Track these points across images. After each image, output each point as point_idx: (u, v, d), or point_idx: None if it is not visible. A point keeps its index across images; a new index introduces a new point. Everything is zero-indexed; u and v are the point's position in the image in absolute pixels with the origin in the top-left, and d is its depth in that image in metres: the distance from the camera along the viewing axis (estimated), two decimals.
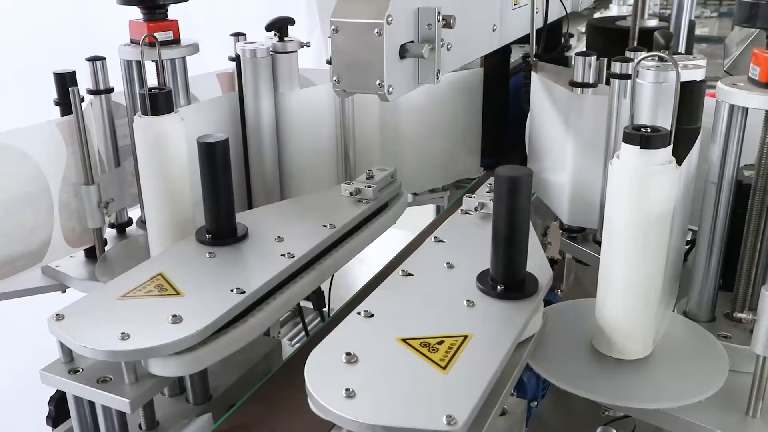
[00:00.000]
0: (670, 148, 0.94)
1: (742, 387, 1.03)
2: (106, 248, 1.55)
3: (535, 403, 1.31)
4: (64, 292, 1.53)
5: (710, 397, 0.98)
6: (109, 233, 1.63)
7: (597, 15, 3.21)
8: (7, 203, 1.35)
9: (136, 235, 1.63)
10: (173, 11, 1.47)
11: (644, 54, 1.21)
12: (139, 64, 1.46)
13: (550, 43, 1.91)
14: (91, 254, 1.55)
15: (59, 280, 1.51)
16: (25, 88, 1.86)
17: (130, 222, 1.66)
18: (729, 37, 1.99)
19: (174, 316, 0.97)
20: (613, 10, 3.43)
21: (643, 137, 0.92)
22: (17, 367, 1.86)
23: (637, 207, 0.94)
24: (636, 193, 0.93)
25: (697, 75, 1.18)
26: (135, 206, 1.64)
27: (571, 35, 2.59)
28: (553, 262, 1.74)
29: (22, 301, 1.49)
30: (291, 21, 1.56)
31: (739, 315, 1.15)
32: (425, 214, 2.38)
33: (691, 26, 1.80)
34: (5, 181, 1.35)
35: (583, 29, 3.52)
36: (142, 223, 1.62)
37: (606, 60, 1.44)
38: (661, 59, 1.17)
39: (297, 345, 1.66)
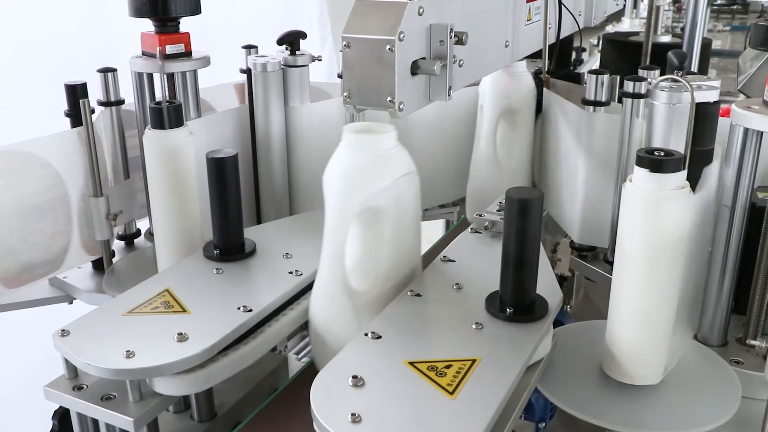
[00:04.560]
0: (684, 172, 0.92)
1: (754, 414, 1.02)
2: (114, 260, 1.55)
3: (543, 425, 1.29)
4: (71, 303, 1.52)
5: (722, 425, 0.96)
6: (117, 244, 1.62)
7: (609, 28, 3.21)
8: (28, 210, 1.35)
9: (144, 247, 1.62)
10: (186, 23, 1.47)
11: (658, 77, 1.20)
12: (151, 77, 1.46)
13: (561, 58, 1.90)
14: (98, 266, 1.54)
15: (66, 291, 1.50)
16: (40, 99, 1.86)
17: (138, 233, 1.66)
18: (742, 55, 1.98)
19: (180, 334, 0.97)
20: (626, 23, 3.42)
21: (655, 161, 0.91)
22: (25, 376, 1.86)
23: (650, 232, 0.93)
24: (648, 218, 0.92)
25: (711, 96, 1.16)
26: (144, 218, 1.63)
27: (584, 49, 2.58)
28: (562, 278, 1.73)
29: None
30: (303, 35, 1.56)
31: (752, 342, 1.14)
32: (435, 229, 2.37)
33: (706, 44, 1.78)
34: (27, 189, 1.35)
35: (595, 41, 3.52)
36: (150, 234, 1.61)
37: (618, 78, 1.43)
38: (674, 81, 1.16)
39: (304, 359, 1.66)
